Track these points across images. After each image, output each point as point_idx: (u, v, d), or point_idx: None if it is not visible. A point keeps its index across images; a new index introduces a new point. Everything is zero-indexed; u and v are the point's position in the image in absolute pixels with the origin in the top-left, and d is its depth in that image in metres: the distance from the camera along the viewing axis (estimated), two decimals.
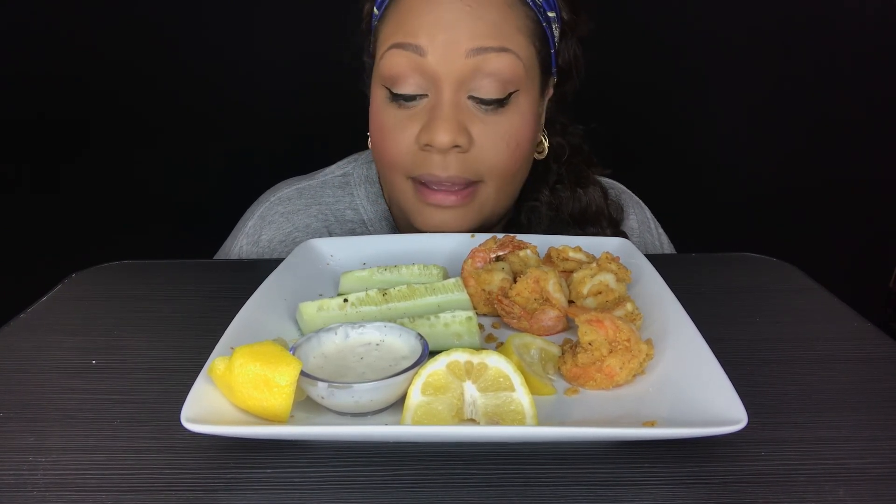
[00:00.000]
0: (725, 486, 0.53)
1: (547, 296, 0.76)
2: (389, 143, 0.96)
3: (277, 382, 0.56)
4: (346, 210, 1.14)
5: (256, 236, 1.13)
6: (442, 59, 0.91)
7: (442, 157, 0.93)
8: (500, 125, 0.94)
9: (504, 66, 0.92)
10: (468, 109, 0.94)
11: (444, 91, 0.92)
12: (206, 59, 1.73)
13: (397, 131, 0.95)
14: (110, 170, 1.80)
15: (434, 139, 0.91)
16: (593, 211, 1.10)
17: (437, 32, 0.91)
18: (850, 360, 0.72)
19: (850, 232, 1.96)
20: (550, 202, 1.09)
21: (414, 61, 0.92)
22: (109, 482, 0.54)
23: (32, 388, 0.67)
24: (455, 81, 0.92)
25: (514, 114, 0.95)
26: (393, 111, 0.96)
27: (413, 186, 0.98)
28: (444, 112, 0.92)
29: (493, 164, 0.95)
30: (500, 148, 0.94)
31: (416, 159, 0.95)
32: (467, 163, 0.94)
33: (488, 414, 0.58)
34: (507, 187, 1.00)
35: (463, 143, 0.92)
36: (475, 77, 0.92)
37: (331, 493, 0.53)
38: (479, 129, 0.94)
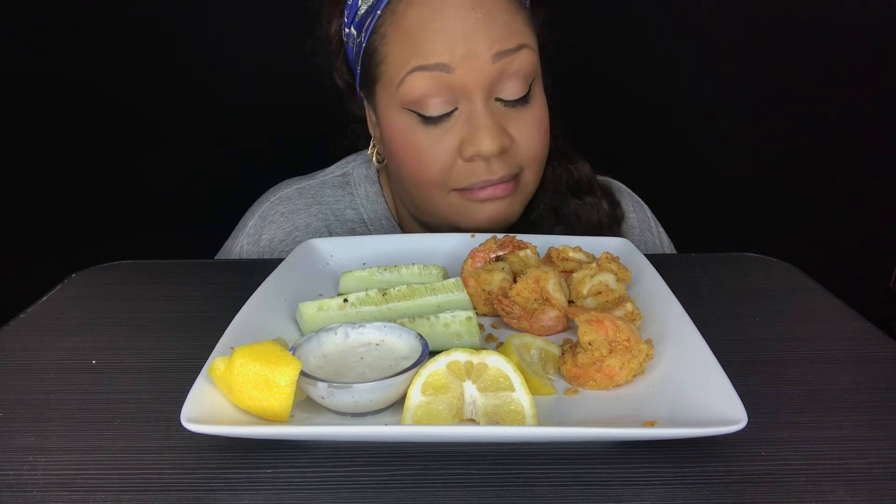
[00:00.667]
0: (726, 486, 0.53)
1: (547, 296, 0.76)
2: (428, 163, 0.95)
3: (277, 382, 0.56)
4: (346, 209, 1.15)
5: (257, 236, 1.13)
6: (469, 70, 0.91)
7: (487, 163, 0.94)
8: (530, 117, 0.97)
9: (525, 63, 0.94)
10: (500, 111, 0.95)
11: (475, 101, 0.93)
12: (207, 59, 1.73)
13: (434, 149, 0.94)
14: (111, 170, 1.80)
15: (482, 149, 0.92)
16: (586, 182, 1.12)
17: (457, 46, 0.90)
18: (850, 360, 0.72)
19: (850, 232, 1.96)
20: (551, 177, 1.11)
21: (440, 80, 0.91)
22: (109, 482, 0.54)
23: (32, 388, 0.67)
24: (484, 89, 0.92)
25: (537, 102, 0.98)
26: (425, 131, 0.95)
27: (459, 195, 0.97)
28: (484, 121, 0.92)
29: (532, 154, 0.98)
30: (535, 138, 0.97)
31: (461, 172, 0.95)
32: (510, 160, 0.96)
33: (488, 414, 0.58)
34: (541, 169, 1.03)
35: (508, 144, 0.94)
36: (501, 79, 0.93)
37: (331, 493, 0.53)
38: (515, 126, 0.96)
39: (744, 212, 1.89)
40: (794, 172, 1.89)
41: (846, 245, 1.96)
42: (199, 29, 1.72)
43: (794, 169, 1.89)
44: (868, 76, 1.82)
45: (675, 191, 1.65)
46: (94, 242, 1.43)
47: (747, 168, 1.88)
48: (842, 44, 1.79)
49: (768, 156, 1.87)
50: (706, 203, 1.83)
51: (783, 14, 1.77)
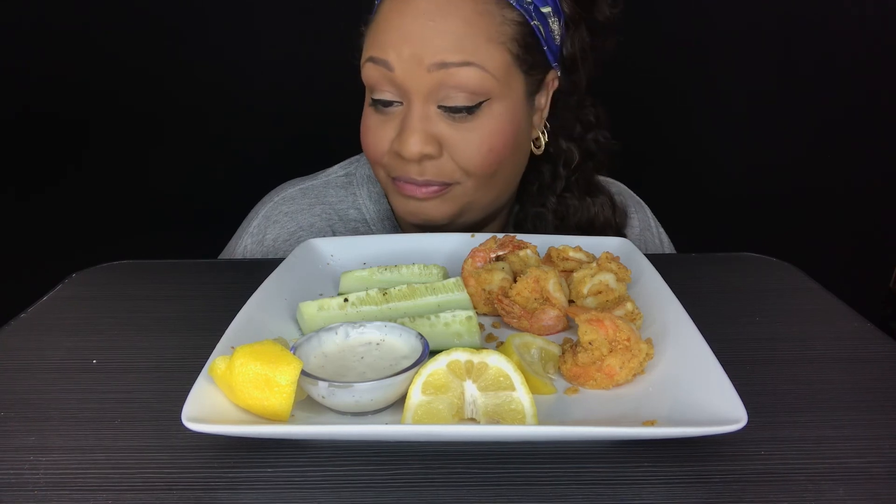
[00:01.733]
0: (725, 485, 0.53)
1: (547, 295, 0.76)
2: (371, 145, 1.00)
3: (278, 382, 0.56)
4: (349, 209, 1.15)
5: (261, 236, 1.14)
6: (407, 73, 0.93)
7: (417, 164, 0.96)
8: (471, 132, 0.95)
9: (468, 80, 0.92)
10: (438, 117, 0.95)
11: (413, 102, 0.94)
12: (209, 59, 1.73)
13: (376, 133, 0.99)
14: (111, 170, 1.80)
15: (402, 150, 0.94)
16: (601, 222, 1.10)
17: (403, 47, 0.92)
18: (850, 360, 0.72)
19: (850, 232, 1.96)
20: (556, 210, 1.09)
21: (385, 75, 0.94)
22: (110, 481, 0.54)
23: (33, 388, 0.67)
24: (422, 94, 0.94)
25: (486, 119, 0.95)
26: (374, 115, 0.99)
27: (391, 180, 1.01)
28: (412, 124, 0.94)
29: (469, 168, 0.96)
30: (472, 153, 0.95)
31: (393, 162, 0.98)
32: (441, 168, 0.96)
33: (488, 413, 0.58)
34: (486, 185, 1.00)
35: (431, 152, 0.94)
36: (441, 89, 0.93)
37: (331, 493, 0.53)
38: (450, 136, 0.95)
39: (744, 212, 1.89)
40: (794, 172, 1.89)
41: (846, 245, 1.96)
42: (200, 29, 1.72)
43: (795, 169, 1.89)
44: (869, 77, 1.82)
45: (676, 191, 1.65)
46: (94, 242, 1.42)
47: (747, 168, 1.88)
48: (842, 44, 1.79)
49: (769, 156, 1.87)
50: (706, 203, 1.83)
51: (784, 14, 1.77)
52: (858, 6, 1.77)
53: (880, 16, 1.77)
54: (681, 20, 1.77)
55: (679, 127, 1.86)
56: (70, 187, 1.81)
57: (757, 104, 1.84)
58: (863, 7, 1.77)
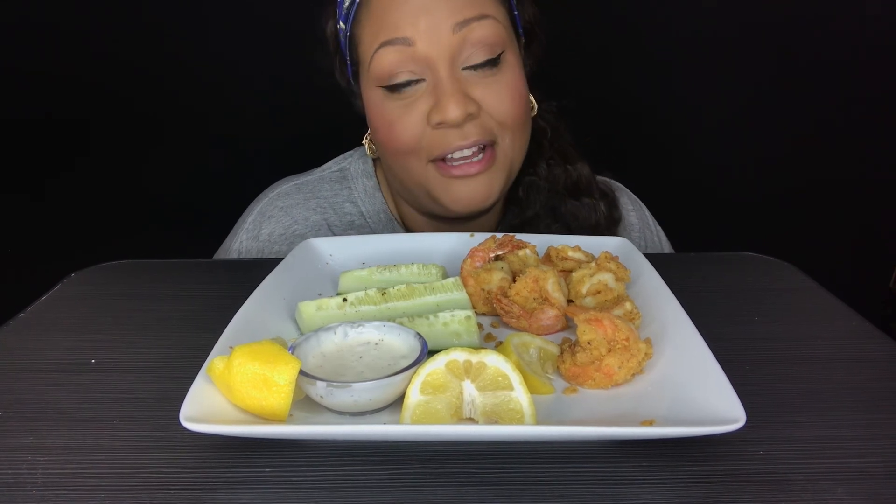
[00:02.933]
0: (724, 485, 0.53)
1: (546, 295, 0.76)
2: (400, 132, 0.98)
3: (276, 382, 0.56)
4: (344, 203, 1.16)
5: (256, 231, 1.14)
6: (431, 42, 0.94)
7: (459, 129, 0.96)
8: (499, 83, 0.98)
9: (488, 32, 0.96)
10: (467, 79, 0.97)
11: (439, 70, 0.95)
12: (207, 59, 1.73)
13: (404, 119, 0.98)
14: (111, 170, 1.80)
15: (447, 116, 0.94)
16: (584, 184, 1.14)
17: (419, 19, 0.94)
18: (850, 360, 0.72)
19: (850, 232, 1.96)
20: (547, 176, 1.12)
21: (404, 53, 0.95)
22: (108, 481, 0.54)
23: (32, 388, 0.67)
24: (448, 59, 0.95)
25: (508, 70, 0.99)
26: (394, 104, 0.98)
27: (435, 167, 1.00)
28: (448, 88, 0.94)
29: (505, 118, 0.98)
30: (506, 102, 0.98)
31: (432, 139, 0.97)
32: (482, 125, 0.97)
33: (487, 413, 0.58)
34: (521, 138, 1.03)
35: (473, 110, 0.95)
36: (464, 49, 0.95)
37: (329, 493, 0.53)
38: (482, 91, 0.97)
39: (744, 212, 1.88)
40: (794, 172, 1.89)
41: (846, 245, 1.96)
42: (199, 29, 1.72)
43: (794, 169, 1.89)
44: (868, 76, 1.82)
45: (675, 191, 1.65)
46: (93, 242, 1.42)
47: (747, 168, 1.88)
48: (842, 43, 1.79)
49: (768, 155, 1.87)
50: (706, 203, 1.83)
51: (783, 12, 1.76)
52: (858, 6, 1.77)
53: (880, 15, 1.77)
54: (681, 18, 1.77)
55: (679, 127, 1.86)
56: (70, 187, 1.81)
57: (757, 104, 1.84)
58: (863, 7, 1.77)
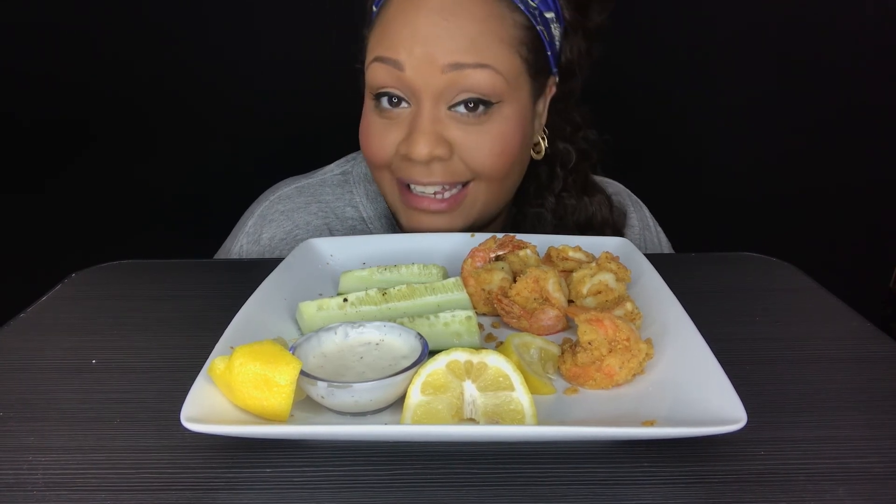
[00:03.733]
0: (725, 485, 0.53)
1: (546, 295, 0.76)
2: (374, 148, 0.99)
3: (277, 382, 0.56)
4: (346, 207, 1.15)
5: (257, 235, 1.13)
6: (419, 73, 0.91)
7: (425, 165, 0.94)
8: (482, 134, 0.94)
9: (481, 82, 0.91)
10: (448, 119, 0.94)
11: (423, 103, 0.93)
12: (207, 59, 1.73)
13: (380, 137, 0.97)
14: (110, 170, 1.80)
15: (412, 152, 0.93)
16: (599, 221, 1.10)
17: (415, 47, 0.91)
18: (850, 360, 0.72)
19: (850, 232, 1.96)
20: (555, 210, 1.09)
21: (394, 75, 0.93)
22: (109, 481, 0.54)
23: (32, 388, 0.67)
24: (433, 95, 0.92)
25: (497, 122, 0.95)
26: (376, 118, 0.98)
27: (399, 189, 0.99)
28: (422, 125, 0.92)
29: (479, 168, 0.96)
30: (484, 154, 0.95)
31: (399, 165, 0.97)
32: (451, 168, 0.95)
33: (488, 413, 0.58)
34: (497, 188, 1.00)
35: (441, 153, 0.93)
36: (452, 90, 0.92)
37: (330, 493, 0.53)
38: (461, 137, 0.94)
39: (744, 212, 1.89)
40: (794, 172, 1.89)
41: (846, 245, 1.96)
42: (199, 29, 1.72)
43: (795, 169, 1.89)
44: (868, 77, 1.82)
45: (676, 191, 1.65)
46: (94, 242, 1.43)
47: (747, 168, 1.88)
48: (843, 44, 1.79)
49: (768, 156, 1.87)
50: (706, 203, 1.83)
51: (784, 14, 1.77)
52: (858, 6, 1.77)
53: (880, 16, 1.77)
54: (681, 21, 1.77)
55: (679, 127, 1.86)
56: (70, 187, 1.81)
57: (757, 104, 1.84)
58: (863, 7, 1.77)
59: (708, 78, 1.82)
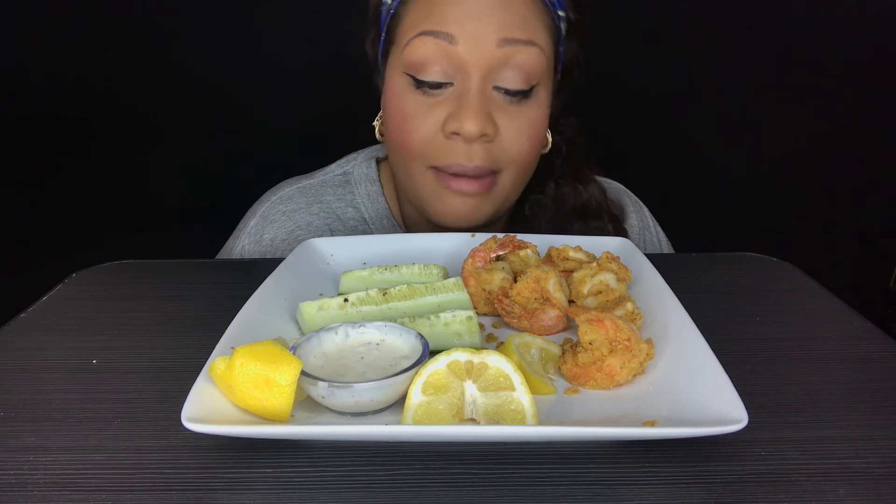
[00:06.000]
0: (726, 485, 0.53)
1: (547, 295, 0.76)
2: (412, 131, 0.95)
3: (278, 382, 0.56)
4: (347, 208, 1.15)
5: (259, 235, 1.13)
6: (472, 47, 0.91)
7: (467, 146, 0.93)
8: (523, 116, 0.96)
9: (531, 60, 0.93)
10: (494, 99, 0.95)
11: (472, 79, 0.93)
12: (207, 58, 1.73)
13: (420, 118, 0.95)
14: (111, 169, 1.80)
15: (463, 128, 0.91)
16: (594, 206, 1.11)
17: (467, 21, 0.91)
18: (850, 360, 0.72)
19: (850, 232, 1.96)
20: (555, 196, 1.11)
21: (443, 49, 0.92)
22: (110, 482, 0.54)
23: (33, 388, 0.67)
24: (483, 70, 0.92)
25: (535, 106, 0.97)
26: (416, 98, 0.95)
27: (434, 174, 0.98)
28: (473, 101, 0.92)
29: (515, 154, 0.96)
30: (523, 138, 0.96)
31: (440, 148, 0.95)
32: (491, 152, 0.95)
33: (488, 413, 0.58)
34: (523, 177, 1.01)
35: (490, 132, 0.93)
36: (502, 68, 0.93)
37: (331, 493, 0.53)
38: (504, 119, 0.95)
39: (744, 212, 1.89)
40: (794, 172, 1.89)
41: (846, 245, 1.96)
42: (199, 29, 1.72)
43: (794, 169, 1.89)
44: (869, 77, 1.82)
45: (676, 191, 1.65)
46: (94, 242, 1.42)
47: (748, 168, 1.88)
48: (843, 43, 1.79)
49: (768, 156, 1.87)
50: (706, 203, 1.83)
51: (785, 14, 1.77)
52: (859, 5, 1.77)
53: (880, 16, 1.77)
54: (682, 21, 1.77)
55: (679, 127, 1.86)
56: (70, 187, 1.81)
57: (757, 104, 1.84)
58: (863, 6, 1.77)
59: (708, 77, 1.82)
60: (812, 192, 1.90)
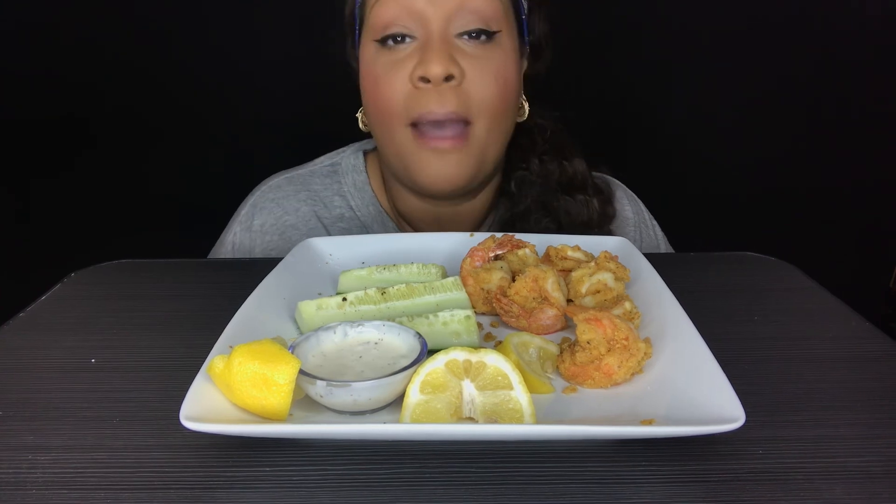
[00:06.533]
0: (723, 484, 0.53)
1: (545, 294, 0.76)
2: (383, 88, 0.99)
3: (276, 381, 0.56)
4: (333, 196, 1.18)
5: (249, 223, 1.17)
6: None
7: (437, 93, 0.96)
8: (488, 60, 0.98)
9: (486, 5, 0.97)
10: (456, 45, 0.98)
11: (432, 27, 0.96)
12: (207, 59, 1.73)
13: (390, 74, 0.98)
14: (111, 169, 1.80)
15: (428, 70, 0.94)
16: (579, 180, 1.14)
17: None
18: (849, 360, 0.72)
19: (850, 232, 1.96)
20: (539, 172, 1.13)
21: (402, 5, 0.96)
22: (109, 481, 0.54)
23: (32, 387, 0.67)
24: (442, 18, 0.96)
25: (499, 51, 1.00)
26: (382, 59, 0.99)
27: (412, 135, 1.00)
28: (435, 45, 0.96)
29: (485, 98, 0.98)
30: (489, 81, 0.98)
31: (413, 99, 0.97)
32: (461, 97, 0.97)
33: (487, 412, 0.58)
34: (498, 126, 1.02)
35: (455, 72, 0.96)
36: (460, 14, 0.96)
37: (329, 492, 0.53)
38: (469, 62, 0.97)
39: (744, 211, 1.89)
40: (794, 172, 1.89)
41: (846, 245, 1.96)
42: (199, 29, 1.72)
43: (795, 168, 1.89)
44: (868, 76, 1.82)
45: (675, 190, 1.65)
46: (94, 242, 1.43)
47: (747, 167, 1.88)
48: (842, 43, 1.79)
49: (768, 155, 1.87)
50: (706, 202, 1.83)
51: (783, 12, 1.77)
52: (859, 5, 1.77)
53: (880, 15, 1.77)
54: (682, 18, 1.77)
55: (679, 125, 1.86)
56: (70, 187, 1.81)
57: (757, 103, 1.84)
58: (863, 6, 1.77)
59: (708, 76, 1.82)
60: (812, 192, 1.90)
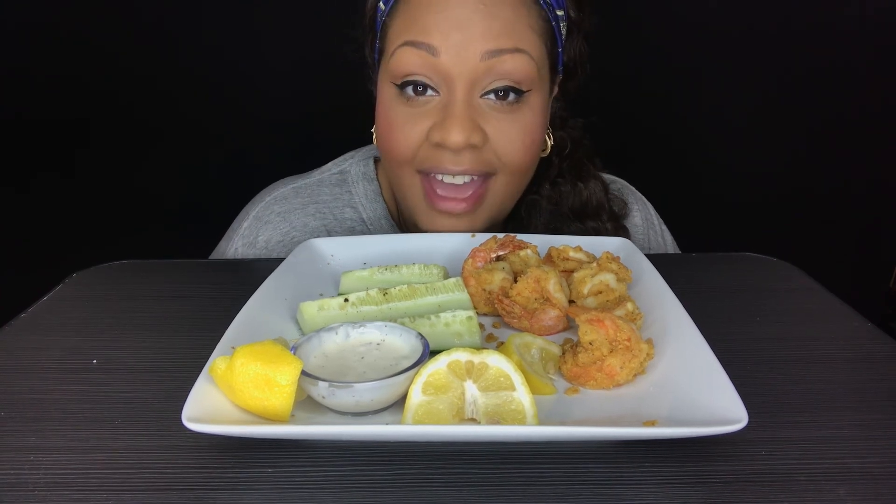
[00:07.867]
0: (726, 485, 0.53)
1: (547, 295, 0.76)
2: (398, 140, 0.95)
3: (278, 382, 0.56)
4: (344, 208, 1.13)
5: (253, 237, 1.11)
6: (456, 59, 0.89)
7: (454, 154, 0.92)
8: (514, 123, 0.94)
9: (518, 67, 0.91)
10: (481, 108, 0.93)
11: (456, 91, 0.91)
12: (206, 60, 1.73)
13: (407, 127, 0.94)
14: (111, 170, 1.80)
15: (448, 138, 0.90)
16: (594, 205, 1.09)
17: (451, 32, 0.89)
18: (850, 360, 0.72)
19: (850, 232, 1.96)
20: (550, 196, 1.09)
21: (426, 60, 0.90)
22: (110, 481, 0.54)
23: (33, 388, 0.67)
24: (468, 81, 0.91)
25: (527, 112, 0.95)
26: (402, 108, 0.94)
27: (422, 186, 0.97)
28: (458, 110, 0.90)
29: (508, 160, 0.95)
30: (516, 145, 0.94)
31: (427, 155, 0.94)
32: (481, 158, 0.94)
33: (489, 413, 0.58)
34: (517, 183, 1.00)
35: (477, 141, 0.92)
36: (488, 77, 0.91)
37: (331, 493, 0.53)
38: (494, 126, 0.93)
39: (745, 212, 1.89)
40: (794, 173, 1.89)
41: (846, 245, 1.96)
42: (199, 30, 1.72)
43: (795, 169, 1.89)
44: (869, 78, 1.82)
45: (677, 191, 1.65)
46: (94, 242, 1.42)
47: (748, 169, 1.88)
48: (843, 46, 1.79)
49: (770, 157, 1.87)
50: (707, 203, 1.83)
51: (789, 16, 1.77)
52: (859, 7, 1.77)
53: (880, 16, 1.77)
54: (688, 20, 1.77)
55: (680, 127, 1.86)
56: (70, 187, 1.81)
57: (759, 105, 1.84)
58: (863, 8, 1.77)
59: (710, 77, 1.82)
60: (812, 192, 1.90)
